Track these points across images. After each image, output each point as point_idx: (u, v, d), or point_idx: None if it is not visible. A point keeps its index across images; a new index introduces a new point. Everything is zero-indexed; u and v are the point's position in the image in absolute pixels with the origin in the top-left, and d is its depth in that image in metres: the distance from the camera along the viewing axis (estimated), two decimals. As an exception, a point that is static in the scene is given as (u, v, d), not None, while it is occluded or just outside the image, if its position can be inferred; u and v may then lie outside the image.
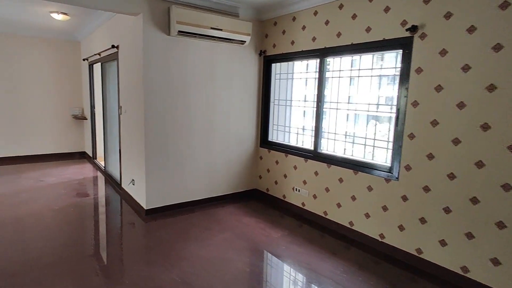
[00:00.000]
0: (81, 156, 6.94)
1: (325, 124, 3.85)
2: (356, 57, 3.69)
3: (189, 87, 3.96)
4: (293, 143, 4.32)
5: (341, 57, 3.61)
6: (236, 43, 4.05)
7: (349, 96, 3.86)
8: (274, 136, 4.58)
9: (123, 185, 4.58)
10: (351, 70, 3.73)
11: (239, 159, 4.56)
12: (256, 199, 4.59)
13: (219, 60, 4.14)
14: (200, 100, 4.07)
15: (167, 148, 3.90)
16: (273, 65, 4.44)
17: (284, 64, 4.35)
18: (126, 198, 4.37)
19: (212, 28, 3.71)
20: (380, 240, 3.20)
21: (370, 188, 3.26)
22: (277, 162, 4.40)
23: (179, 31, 3.56)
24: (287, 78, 4.36)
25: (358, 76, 3.48)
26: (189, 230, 3.47)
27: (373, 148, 3.35)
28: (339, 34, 3.46)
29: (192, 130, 4.07)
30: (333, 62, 3.78)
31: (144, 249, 3.09)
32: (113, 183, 5.01)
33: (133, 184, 4.17)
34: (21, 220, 3.53)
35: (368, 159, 3.37)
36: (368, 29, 3.17)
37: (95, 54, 5.35)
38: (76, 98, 6.84)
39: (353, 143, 3.60)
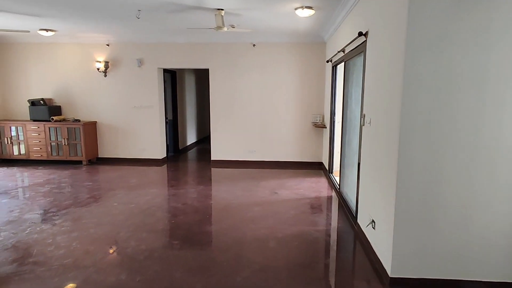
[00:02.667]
0: (318, 166, 6.45)
1: None
2: None
3: (491, 80, 2.15)
4: None
5: None
6: None
7: None
8: None
9: (359, 221, 3.38)
10: None
11: None
12: None
13: None
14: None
15: (436, 184, 2.31)
16: None
17: None
18: (363, 241, 3.14)
19: None
20: None
21: None
22: None
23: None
24: None
25: None
26: None
27: None
28: None
29: (488, 158, 2.24)
30: None
31: None
32: (347, 211, 3.92)
33: (373, 228, 2.87)
34: (243, 245, 3.08)
35: None
36: None
37: (338, 52, 4.47)
38: (318, 104, 6.39)
39: None
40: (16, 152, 6.70)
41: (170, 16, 4.62)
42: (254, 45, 6.36)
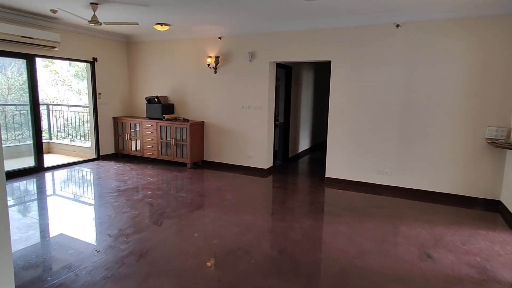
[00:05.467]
0: (492, 207, 4.17)
1: None
2: None
3: None
4: None
5: None
6: None
7: None
8: None
9: None
10: None
11: None
12: None
13: None
14: None
15: None
16: None
17: None
18: None
19: None
20: None
21: None
22: None
23: None
24: None
25: None
26: None
27: None
28: None
29: None
30: None
31: None
32: None
33: None
34: None
35: None
36: None
37: None
38: (501, 112, 4.09)
39: None
40: (133, 148, 6.80)
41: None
42: (397, 25, 4.54)
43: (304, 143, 7.67)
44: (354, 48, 4.83)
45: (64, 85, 9.68)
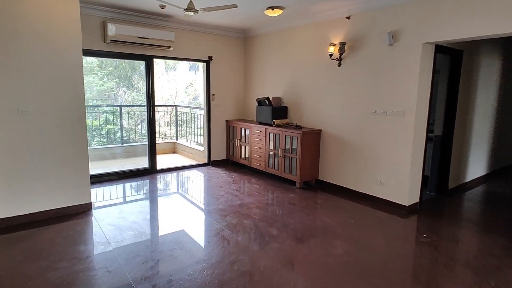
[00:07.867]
0: None
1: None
2: None
3: None
4: None
5: None
6: None
7: None
8: None
9: None
10: None
11: None
12: None
13: None
14: None
15: None
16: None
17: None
18: None
19: None
20: None
21: None
22: None
23: None
24: None
25: None
26: None
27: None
28: None
29: None
30: None
31: None
32: None
33: None
34: None
35: None
36: None
37: None
38: None
39: None
40: (242, 156, 6.03)
41: None
42: None
43: (477, 167, 5.11)
44: None
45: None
